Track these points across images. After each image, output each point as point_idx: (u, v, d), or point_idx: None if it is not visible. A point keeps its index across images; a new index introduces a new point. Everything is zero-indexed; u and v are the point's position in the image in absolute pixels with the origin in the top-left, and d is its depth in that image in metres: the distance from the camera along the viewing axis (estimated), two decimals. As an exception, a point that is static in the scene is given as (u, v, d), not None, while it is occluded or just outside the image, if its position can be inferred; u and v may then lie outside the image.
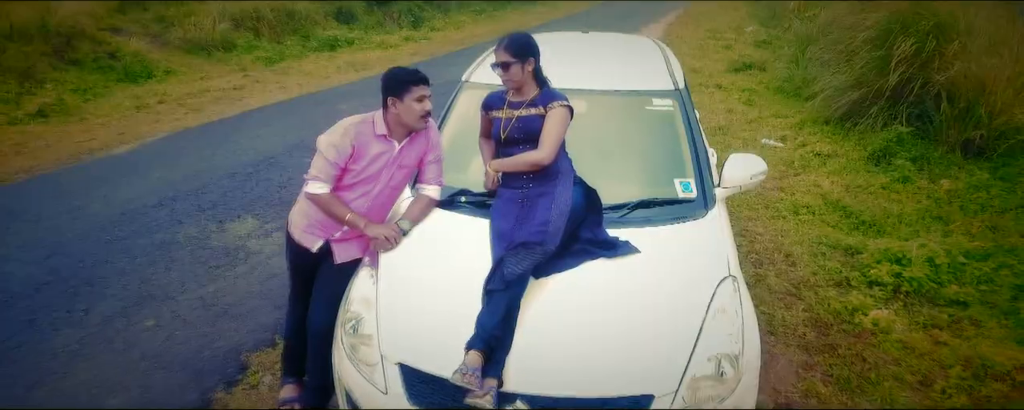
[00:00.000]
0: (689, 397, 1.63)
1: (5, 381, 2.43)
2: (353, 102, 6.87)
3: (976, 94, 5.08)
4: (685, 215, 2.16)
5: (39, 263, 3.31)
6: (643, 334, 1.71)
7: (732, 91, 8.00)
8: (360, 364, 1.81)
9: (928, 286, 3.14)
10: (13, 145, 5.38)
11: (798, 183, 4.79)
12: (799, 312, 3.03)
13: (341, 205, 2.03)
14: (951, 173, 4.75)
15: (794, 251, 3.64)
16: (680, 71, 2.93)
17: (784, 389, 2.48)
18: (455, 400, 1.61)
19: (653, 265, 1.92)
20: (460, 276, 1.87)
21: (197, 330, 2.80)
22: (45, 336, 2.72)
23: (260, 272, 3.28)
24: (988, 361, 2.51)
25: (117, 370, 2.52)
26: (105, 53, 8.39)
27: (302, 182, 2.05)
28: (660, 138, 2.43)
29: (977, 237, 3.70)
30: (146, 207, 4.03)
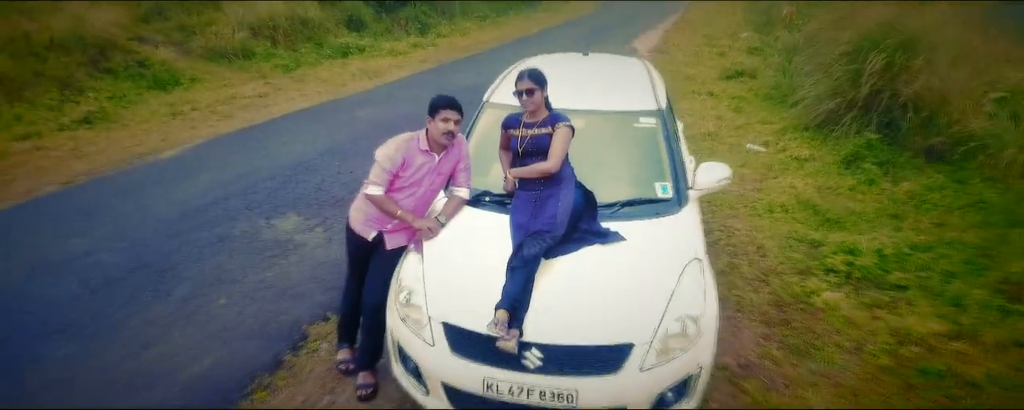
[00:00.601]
0: (660, 347, 2.21)
1: (124, 344, 3.03)
2: (370, 110, 7.47)
3: (938, 104, 5.69)
4: (663, 211, 2.75)
5: (124, 252, 3.91)
6: (627, 300, 2.30)
7: (722, 98, 8.59)
8: (412, 324, 2.40)
9: (875, 273, 3.73)
10: (70, 150, 5.98)
11: (776, 185, 5.37)
12: (765, 295, 3.62)
13: (393, 204, 2.62)
14: (912, 176, 5.33)
15: (766, 244, 4.23)
16: (663, 92, 3.52)
17: (745, 353, 3.07)
18: (486, 348, 2.20)
19: (636, 249, 2.51)
20: (486, 257, 2.46)
21: (263, 307, 3.39)
22: (142, 311, 3.31)
23: (308, 261, 3.87)
24: (911, 331, 3.10)
25: (204, 337, 3.12)
26: (135, 62, 8.99)
27: (340, 184, 2.64)
28: (644, 150, 3.02)
29: (924, 232, 4.29)
30: (202, 206, 4.62)
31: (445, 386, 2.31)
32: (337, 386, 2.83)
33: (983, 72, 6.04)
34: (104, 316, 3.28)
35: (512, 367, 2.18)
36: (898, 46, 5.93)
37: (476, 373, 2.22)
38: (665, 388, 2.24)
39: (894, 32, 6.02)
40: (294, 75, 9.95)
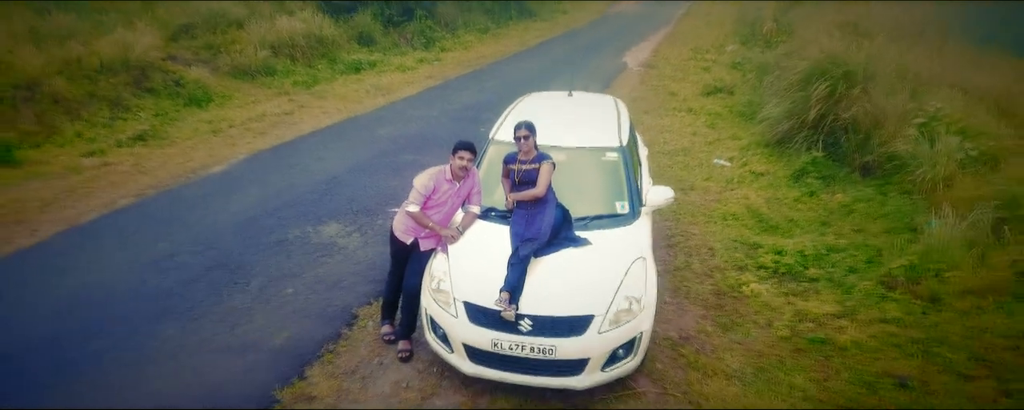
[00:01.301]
0: (612, 317, 3.28)
1: (217, 324, 4.08)
2: (387, 128, 8.54)
3: (872, 127, 6.77)
4: (620, 223, 3.82)
5: (201, 254, 4.97)
6: (590, 285, 3.36)
7: (700, 115, 9.66)
8: (441, 303, 3.46)
9: (796, 269, 4.80)
10: (132, 165, 7.04)
11: (732, 196, 6.44)
12: (708, 286, 4.69)
13: (426, 218, 3.68)
14: (847, 189, 6.40)
15: (715, 246, 5.30)
16: (627, 129, 4.58)
17: (686, 328, 4.14)
18: (493, 318, 3.26)
19: (598, 250, 3.57)
20: (493, 255, 3.52)
21: (320, 296, 4.45)
22: (227, 299, 4.37)
23: (352, 260, 4.94)
24: (810, 312, 4.17)
25: (278, 319, 4.17)
26: (172, 81, 10.04)
27: (368, 197, 3.70)
28: (608, 177, 4.09)
29: (843, 236, 5.35)
30: (257, 215, 5.68)
31: (465, 346, 3.37)
32: (383, 351, 3.89)
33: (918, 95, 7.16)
34: (197, 303, 4.34)
35: (511, 331, 3.25)
36: (840, 76, 7.01)
37: (486, 336, 3.28)
38: (616, 346, 3.30)
39: (838, 64, 7.10)
40: (313, 91, 11.00)
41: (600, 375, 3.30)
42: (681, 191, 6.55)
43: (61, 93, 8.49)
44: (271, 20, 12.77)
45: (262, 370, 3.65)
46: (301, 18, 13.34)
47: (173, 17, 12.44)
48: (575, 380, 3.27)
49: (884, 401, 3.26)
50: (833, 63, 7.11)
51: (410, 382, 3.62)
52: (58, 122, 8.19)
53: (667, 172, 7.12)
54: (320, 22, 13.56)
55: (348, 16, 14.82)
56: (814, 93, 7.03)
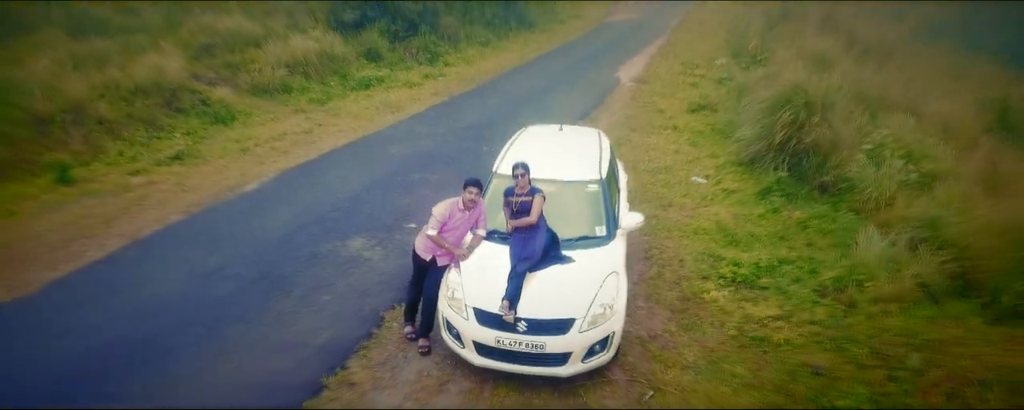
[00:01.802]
0: (590, 320, 4.22)
1: (269, 326, 5.02)
2: (398, 146, 9.47)
3: (829, 150, 7.72)
4: (599, 244, 4.76)
5: (248, 266, 5.91)
6: (573, 294, 4.30)
7: (684, 132, 10.59)
8: (455, 308, 4.40)
9: (750, 278, 5.74)
10: (175, 184, 7.98)
11: (705, 212, 7.38)
12: (675, 293, 5.62)
13: (442, 240, 4.62)
14: (806, 206, 7.32)
15: (685, 258, 6.24)
16: (607, 162, 5.51)
17: (654, 329, 5.07)
18: (497, 320, 4.20)
19: (579, 266, 4.51)
20: (496, 270, 4.45)
21: (352, 302, 5.39)
22: (275, 305, 5.31)
23: (376, 271, 5.88)
24: (755, 315, 5.11)
25: (320, 321, 5.11)
26: (199, 101, 10.98)
27: (386, 214, 4.68)
28: (590, 205, 5.03)
29: (795, 250, 6.29)
30: (291, 231, 6.62)
31: (474, 342, 4.30)
32: (407, 347, 4.83)
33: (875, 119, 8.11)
34: (251, 309, 5.28)
35: (510, 331, 4.19)
36: (802, 105, 7.95)
37: (491, 335, 4.22)
38: (593, 343, 4.23)
39: (801, 94, 8.04)
40: (327, 108, 11.94)
41: (580, 365, 4.25)
42: (660, 207, 7.50)
43: (103, 115, 9.44)
44: (285, 40, 13.70)
45: (312, 362, 4.59)
46: (313, 37, 14.28)
47: (194, 37, 13.37)
48: (561, 369, 4.22)
49: (801, 385, 4.21)
50: (797, 93, 8.04)
51: (430, 371, 4.56)
52: (102, 142, 9.14)
53: (650, 189, 8.06)
54: (331, 40, 14.50)
55: (356, 33, 15.76)
56: (779, 120, 7.97)
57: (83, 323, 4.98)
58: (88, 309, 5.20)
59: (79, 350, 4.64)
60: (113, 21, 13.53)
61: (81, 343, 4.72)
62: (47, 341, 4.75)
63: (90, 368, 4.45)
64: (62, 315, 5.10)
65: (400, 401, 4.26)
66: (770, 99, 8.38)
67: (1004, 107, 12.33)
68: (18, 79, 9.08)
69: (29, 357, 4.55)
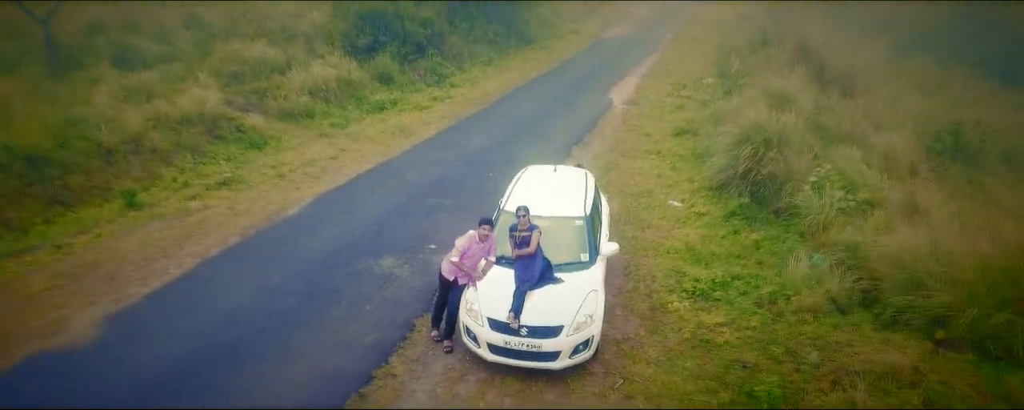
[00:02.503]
0: (574, 327, 5.69)
1: (327, 331, 6.48)
2: (413, 173, 10.92)
3: (784, 180, 9.18)
4: (583, 268, 6.24)
5: (301, 283, 7.38)
6: (562, 307, 5.77)
7: (667, 157, 12.05)
8: (473, 317, 5.87)
9: (707, 291, 7.20)
10: (227, 208, 9.44)
11: (678, 233, 8.85)
12: (646, 303, 7.08)
13: (462, 265, 6.09)
14: (763, 229, 8.78)
15: (657, 274, 7.70)
16: (592, 199, 6.98)
17: (627, 333, 6.54)
18: (504, 327, 5.67)
19: (567, 285, 5.99)
20: (504, 288, 5.92)
21: (389, 311, 6.86)
22: (330, 314, 6.78)
23: (406, 286, 7.34)
24: (706, 322, 6.58)
25: (366, 327, 6.57)
26: (235, 128, 12.45)
27: (407, 236, 6.27)
28: (576, 237, 6.49)
29: (747, 267, 7.75)
30: (332, 252, 8.09)
31: (488, 343, 5.77)
32: (434, 348, 6.29)
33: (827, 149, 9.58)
34: (309, 318, 6.74)
35: (515, 335, 5.66)
36: (761, 142, 9.42)
37: (500, 337, 5.69)
38: (578, 343, 5.71)
39: (760, 131, 9.51)
40: (347, 132, 13.39)
41: (568, 361, 5.71)
42: (640, 229, 8.97)
43: (157, 144, 10.92)
44: (308, 67, 15.16)
45: (363, 359, 6.06)
46: (331, 63, 15.76)
47: (224, 65, 14.85)
48: (553, 364, 5.68)
49: (733, 375, 5.68)
50: (757, 130, 9.52)
51: (453, 366, 6.03)
52: (158, 169, 10.62)
53: (632, 212, 9.53)
54: (348, 66, 15.98)
55: (370, 57, 17.23)
56: (743, 153, 9.44)
57: (182, 329, 6.45)
58: (183, 318, 6.67)
59: (186, 351, 6.11)
60: (151, 51, 15.02)
61: (186, 345, 6.19)
62: (158, 343, 6.22)
63: (197, 366, 5.91)
64: (164, 323, 6.57)
65: (431, 388, 5.73)
66: (736, 134, 9.84)
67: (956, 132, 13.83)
68: (85, 115, 10.54)
69: (149, 356, 6.02)
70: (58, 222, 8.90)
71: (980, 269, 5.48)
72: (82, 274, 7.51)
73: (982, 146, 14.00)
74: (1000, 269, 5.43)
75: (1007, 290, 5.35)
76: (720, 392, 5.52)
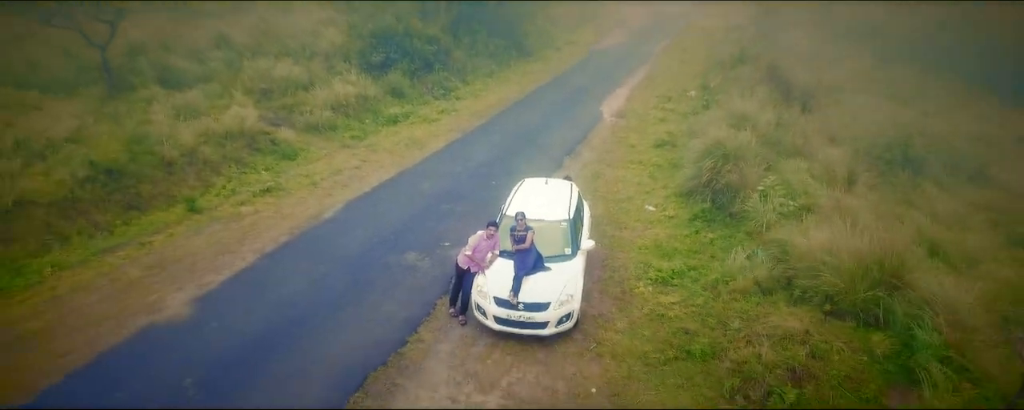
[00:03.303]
0: (558, 303, 7.69)
1: (369, 311, 8.46)
2: (427, 183, 12.89)
3: (738, 188, 11.16)
4: (567, 259, 8.23)
5: (343, 274, 9.35)
6: (550, 288, 7.76)
7: (647, 166, 14.03)
8: (482, 296, 7.87)
9: (667, 279, 9.19)
10: (274, 212, 11.41)
11: (649, 233, 10.83)
12: (619, 288, 9.07)
13: (473, 257, 8.08)
14: (719, 229, 10.76)
15: (628, 266, 9.68)
16: (575, 205, 8.97)
17: (602, 310, 8.53)
18: (507, 303, 7.66)
19: (555, 272, 7.98)
20: (505, 274, 7.91)
21: (416, 295, 8.84)
22: (368, 299, 8.75)
23: (427, 276, 9.32)
24: (664, 301, 8.57)
25: (399, 306, 8.55)
26: (269, 141, 14.43)
27: (425, 237, 8.39)
28: (561, 235, 8.47)
29: (702, 260, 9.73)
30: (366, 249, 10.06)
31: (494, 316, 7.76)
32: (451, 321, 8.27)
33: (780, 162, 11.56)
34: (353, 301, 8.71)
35: (514, 309, 7.66)
36: (721, 156, 11.41)
37: (503, 311, 7.68)
38: (562, 316, 7.70)
39: (720, 147, 11.50)
40: (366, 144, 15.37)
41: (554, 329, 7.70)
42: (618, 229, 10.95)
43: (207, 157, 12.91)
44: (329, 84, 17.16)
45: (399, 330, 8.03)
46: (350, 80, 17.76)
47: (254, 83, 16.83)
48: (543, 331, 7.67)
49: (678, 339, 7.66)
50: (717, 146, 11.50)
51: (467, 334, 8.01)
52: (210, 178, 12.60)
53: (613, 215, 11.51)
54: (364, 83, 17.97)
55: (383, 73, 19.23)
56: (705, 166, 11.43)
57: (255, 308, 8.43)
58: (254, 300, 8.65)
59: (261, 324, 8.08)
60: (189, 71, 17.01)
61: (260, 319, 8.17)
62: (238, 318, 8.20)
63: (272, 335, 7.89)
64: (239, 303, 8.56)
65: (452, 349, 7.71)
66: (701, 149, 11.84)
67: (905, 145, 15.86)
68: (147, 132, 12.52)
69: (234, 327, 8.00)
70: (135, 224, 10.88)
71: (857, 259, 7.45)
72: (166, 266, 9.49)
73: (927, 156, 16.05)
74: (872, 259, 7.40)
75: (876, 274, 7.32)
76: (667, 350, 7.51)
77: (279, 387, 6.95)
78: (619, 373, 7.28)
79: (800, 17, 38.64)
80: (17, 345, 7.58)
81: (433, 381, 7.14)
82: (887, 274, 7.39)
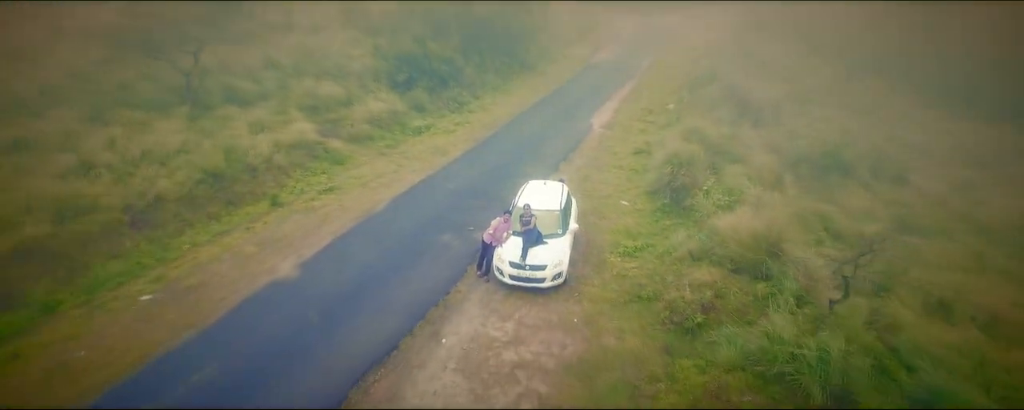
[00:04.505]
0: (553, 265, 11.65)
1: (422, 272, 12.41)
2: (452, 183, 16.83)
3: (690, 187, 15.16)
4: (558, 237, 12.19)
5: (402, 248, 13.27)
6: (546, 255, 11.70)
7: (625, 170, 17.99)
8: (500, 261, 11.82)
9: (631, 252, 13.14)
10: (337, 207, 15.34)
11: (622, 221, 14.79)
12: (596, 259, 13.02)
13: (493, 235, 12.04)
14: (674, 219, 14.71)
15: (604, 244, 13.63)
16: (566, 199, 12.94)
17: (583, 273, 12.48)
18: (518, 265, 11.63)
19: (550, 245, 11.93)
20: (517, 246, 11.85)
21: (453, 263, 12.77)
22: (419, 266, 12.68)
23: (459, 251, 13.24)
24: (628, 268, 12.53)
25: (442, 270, 12.48)
26: (323, 150, 18.37)
27: (454, 225, 12.08)
28: (554, 220, 12.40)
29: (657, 240, 13.67)
30: (413, 233, 13.99)
31: (509, 275, 11.71)
32: (478, 280, 12.21)
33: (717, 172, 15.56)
34: (409, 268, 12.63)
35: (523, 269, 11.61)
36: (677, 164, 15.37)
37: (515, 271, 11.63)
38: (554, 274, 11.66)
39: (677, 157, 15.46)
40: (399, 151, 19.30)
41: (550, 283, 11.65)
42: (598, 218, 14.90)
43: (280, 163, 16.85)
44: (364, 102, 21.11)
45: (442, 284, 11.95)
46: (381, 98, 21.71)
47: (303, 100, 20.76)
48: (542, 284, 11.62)
49: (635, 291, 11.59)
50: (674, 156, 15.46)
51: (490, 288, 11.93)
52: (283, 180, 16.55)
53: (596, 208, 15.45)
54: (393, 100, 21.92)
55: (407, 90, 23.17)
56: (664, 171, 15.39)
57: (343, 270, 12.37)
58: (340, 265, 12.58)
59: (350, 280, 12.00)
60: (249, 90, 20.93)
61: (348, 278, 12.09)
62: (332, 277, 12.13)
63: (358, 287, 11.81)
64: (331, 267, 12.49)
65: (479, 297, 11.63)
66: (662, 158, 15.79)
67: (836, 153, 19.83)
68: (234, 144, 16.45)
69: (331, 281, 11.92)
70: (236, 214, 14.81)
71: (752, 236, 11.39)
72: (271, 243, 13.42)
73: (857, 162, 20.05)
74: (762, 235, 11.34)
75: (764, 245, 11.26)
76: (625, 296, 11.45)
77: (371, 318, 10.87)
78: (593, 310, 11.22)
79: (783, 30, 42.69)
80: (186, 294, 11.51)
81: (470, 314, 11.08)
82: (771, 245, 11.34)
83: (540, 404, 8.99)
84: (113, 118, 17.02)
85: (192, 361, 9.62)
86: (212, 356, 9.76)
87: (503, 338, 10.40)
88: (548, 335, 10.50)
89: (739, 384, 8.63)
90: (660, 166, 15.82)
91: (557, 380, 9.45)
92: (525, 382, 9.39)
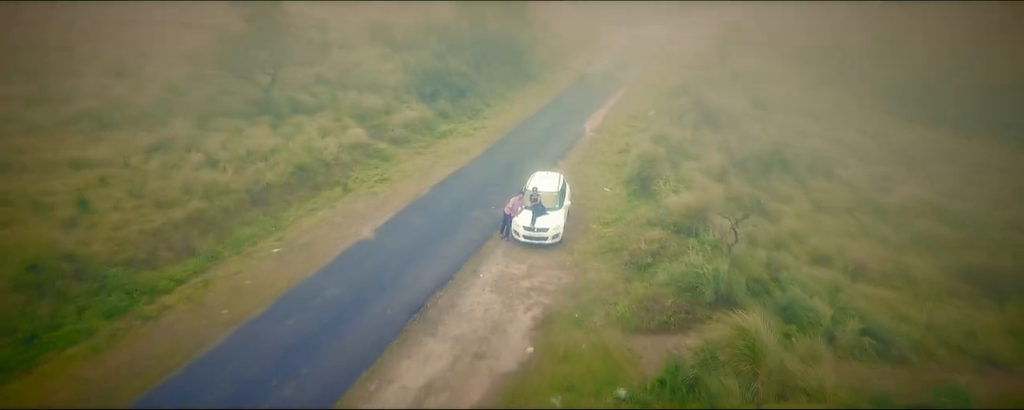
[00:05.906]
0: (553, 229, 17.66)
1: (461, 237, 18.38)
2: (476, 176, 22.81)
3: (654, 178, 21.23)
4: (556, 210, 18.18)
5: (445, 220, 19.20)
6: (549, 222, 17.67)
7: (609, 165, 23.98)
8: (517, 226, 17.83)
9: (611, 222, 19.11)
10: (390, 193, 21.28)
11: (603, 202, 20.78)
12: (582, 227, 18.99)
13: (511, 208, 18.04)
14: (644, 201, 20.72)
15: (589, 218, 19.57)
16: (562, 184, 18.94)
17: (574, 236, 18.48)
18: (531, 229, 17.65)
19: (551, 215, 17.90)
20: (528, 217, 17.85)
21: (482, 231, 18.67)
22: (459, 233, 18.65)
23: (485, 222, 19.14)
24: (606, 232, 18.54)
25: (475, 235, 18.39)
26: (374, 150, 24.32)
27: (480, 205, 18.07)
28: (553, 198, 18.38)
29: (628, 214, 19.65)
30: (451, 209, 19.90)
31: (523, 236, 17.70)
32: (500, 241, 18.16)
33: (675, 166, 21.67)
34: (451, 231, 18.51)
35: (532, 231, 17.61)
36: (645, 160, 21.40)
37: (527, 233, 17.61)
38: (554, 235, 17.65)
39: (645, 156, 21.49)
40: (431, 151, 25.24)
41: (551, 241, 17.57)
42: (586, 200, 20.89)
43: (344, 160, 22.84)
44: (400, 111, 27.09)
45: (475, 242, 17.86)
46: (413, 107, 27.69)
47: (352, 110, 26.75)
48: (546, 242, 17.56)
49: (612, 249, 17.57)
50: (643, 156, 21.47)
51: (510, 246, 17.83)
52: (348, 172, 22.52)
53: (585, 193, 21.43)
54: (422, 108, 27.90)
55: (434, 100, 29.16)
56: (636, 166, 21.41)
57: (406, 233, 18.31)
58: (403, 230, 18.52)
59: (412, 240, 17.93)
60: (307, 101, 26.91)
61: (410, 239, 18.03)
62: (399, 238, 18.09)
63: (420, 244, 17.75)
64: (397, 232, 18.42)
65: (503, 250, 17.58)
66: (635, 156, 21.82)
67: (779, 151, 25.87)
68: (313, 145, 22.42)
69: (400, 242, 17.87)
70: (319, 197, 20.76)
71: (687, 207, 17.34)
72: (351, 216, 19.37)
73: (795, 160, 26.10)
74: (694, 207, 17.31)
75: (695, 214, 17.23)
76: (602, 249, 17.41)
77: (431, 263, 16.80)
78: (580, 258, 17.18)
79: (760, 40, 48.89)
80: (302, 248, 17.45)
81: (497, 260, 17.03)
82: (700, 213, 17.35)
83: (544, 311, 14.95)
84: (215, 125, 23.00)
85: (320, 286, 15.56)
86: (332, 284, 15.71)
87: (520, 274, 16.38)
88: (550, 272, 16.48)
89: (667, 292, 14.59)
90: (632, 162, 21.83)
91: (556, 298, 15.40)
92: (536, 298, 15.35)
